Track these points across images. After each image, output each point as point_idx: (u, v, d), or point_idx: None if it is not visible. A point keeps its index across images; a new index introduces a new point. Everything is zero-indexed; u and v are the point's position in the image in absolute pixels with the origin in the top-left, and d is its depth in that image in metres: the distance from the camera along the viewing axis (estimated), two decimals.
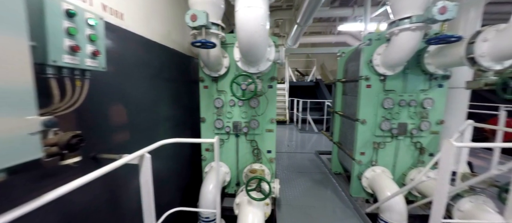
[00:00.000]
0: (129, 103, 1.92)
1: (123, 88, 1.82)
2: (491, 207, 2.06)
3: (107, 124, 1.65)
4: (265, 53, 1.87)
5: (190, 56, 3.14)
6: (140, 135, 2.11)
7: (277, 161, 4.93)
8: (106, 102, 1.62)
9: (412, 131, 2.76)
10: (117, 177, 1.77)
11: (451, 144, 1.49)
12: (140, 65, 2.08)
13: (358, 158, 2.95)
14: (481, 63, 1.91)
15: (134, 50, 1.96)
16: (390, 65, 2.51)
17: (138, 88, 2.08)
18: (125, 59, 1.84)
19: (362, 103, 2.83)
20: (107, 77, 1.57)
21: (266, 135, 2.96)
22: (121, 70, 1.78)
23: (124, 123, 1.86)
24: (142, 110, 2.17)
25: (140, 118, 2.12)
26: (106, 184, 1.67)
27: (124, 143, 1.85)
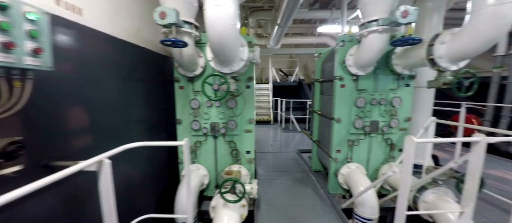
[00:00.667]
0: (91, 106, 1.79)
1: (83, 89, 1.69)
2: (451, 197, 2.22)
3: (63, 128, 1.51)
4: (237, 52, 1.85)
5: (165, 56, 3.02)
6: (108, 139, 1.97)
7: (260, 160, 4.94)
8: (61, 105, 1.49)
9: (383, 128, 2.90)
10: (79, 186, 1.63)
11: (412, 140, 1.58)
12: (104, 65, 1.94)
13: (334, 155, 3.04)
14: (439, 64, 2.06)
15: (96, 48, 1.82)
16: (361, 65, 2.62)
17: (103, 89, 1.94)
18: (85, 57, 1.70)
19: (337, 102, 2.92)
20: (60, 78, 1.44)
21: (245, 136, 2.94)
22: (80, 69, 1.65)
23: (85, 126, 1.73)
24: (110, 112, 2.03)
25: (107, 121, 1.98)
26: (65, 194, 1.54)
27: (88, 149, 1.72)
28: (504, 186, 3.63)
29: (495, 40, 1.70)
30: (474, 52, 1.81)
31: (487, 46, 1.73)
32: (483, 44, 1.75)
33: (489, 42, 1.72)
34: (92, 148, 1.75)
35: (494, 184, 3.69)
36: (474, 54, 1.84)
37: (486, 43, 1.73)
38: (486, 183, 3.75)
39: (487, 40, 1.72)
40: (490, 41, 1.72)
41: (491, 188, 3.55)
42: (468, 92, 1.97)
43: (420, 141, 1.59)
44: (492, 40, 1.71)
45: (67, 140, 1.55)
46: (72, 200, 1.60)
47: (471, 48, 1.81)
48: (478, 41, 1.76)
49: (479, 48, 1.77)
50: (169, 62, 3.12)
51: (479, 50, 1.78)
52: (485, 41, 1.73)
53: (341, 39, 2.80)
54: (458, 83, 1.95)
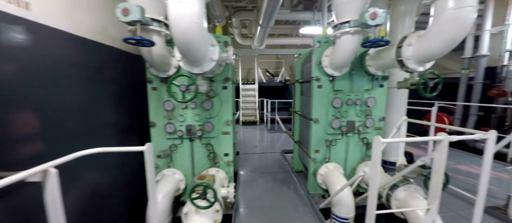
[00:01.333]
0: (45, 108, 1.63)
1: (32, 91, 1.53)
2: (421, 194, 2.30)
3: (5, 133, 1.35)
4: (207, 52, 1.78)
5: (136, 55, 2.86)
6: (68, 144, 1.81)
7: (244, 162, 4.87)
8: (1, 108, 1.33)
9: (359, 128, 2.96)
10: (31, 200, 1.47)
11: (379, 140, 1.60)
12: (61, 64, 1.79)
13: (313, 155, 3.06)
14: (407, 65, 2.12)
15: (49, 47, 1.67)
16: (336, 66, 2.65)
17: (61, 90, 1.78)
18: (34, 56, 1.55)
19: (315, 103, 2.94)
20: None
21: (222, 138, 2.87)
22: (27, 69, 1.49)
23: (36, 132, 1.57)
24: (70, 116, 1.87)
25: (67, 124, 1.82)
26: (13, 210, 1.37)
27: (40, 155, 1.56)
28: (471, 180, 3.86)
29: (456, 41, 1.78)
30: (438, 53, 1.89)
31: (449, 47, 1.81)
32: (445, 46, 1.82)
33: (451, 43, 1.80)
34: (44, 155, 1.59)
35: (463, 179, 3.92)
36: (438, 56, 1.91)
37: (448, 44, 1.81)
38: (457, 178, 3.99)
39: (449, 42, 1.80)
40: (452, 42, 1.79)
41: (460, 182, 3.77)
42: (433, 93, 2.05)
43: (386, 141, 1.62)
44: (453, 41, 1.78)
45: (11, 147, 1.39)
46: (17, 216, 1.44)
47: (435, 50, 1.88)
48: (441, 42, 1.83)
49: (442, 50, 1.85)
50: (140, 62, 2.96)
51: (443, 51, 1.86)
52: (448, 43, 1.80)
53: (317, 40, 2.82)
54: (423, 84, 2.03)
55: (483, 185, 1.86)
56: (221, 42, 2.65)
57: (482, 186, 1.86)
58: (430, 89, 2.05)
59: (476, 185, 2.13)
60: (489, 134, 1.79)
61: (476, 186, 1.83)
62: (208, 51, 1.80)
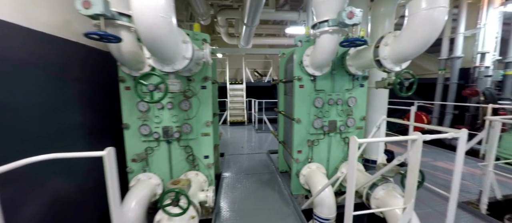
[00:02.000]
0: None
1: None
2: (399, 192, 2.33)
3: None
4: (178, 49, 1.67)
5: (107, 52, 2.67)
6: (21, 149, 1.63)
7: (229, 163, 4.77)
8: None
9: (340, 128, 2.97)
10: None
11: (355, 140, 1.58)
12: (13, 61, 1.60)
13: (296, 156, 3.03)
14: (385, 65, 2.14)
15: None
16: (317, 66, 2.63)
17: (12, 90, 1.60)
18: None
19: (297, 102, 2.91)
20: None
21: (202, 139, 2.75)
22: None
23: None
24: (26, 118, 1.69)
25: (21, 128, 1.64)
26: None
27: None
28: (447, 176, 4.02)
29: (429, 41, 1.80)
30: (412, 53, 1.91)
31: (423, 47, 1.83)
32: (419, 46, 1.84)
33: (424, 43, 1.82)
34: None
35: (439, 175, 4.07)
36: (412, 55, 1.94)
37: (422, 44, 1.83)
38: (434, 175, 4.14)
39: (423, 42, 1.82)
40: (425, 42, 1.82)
41: (438, 179, 3.91)
42: (408, 92, 2.08)
43: (363, 141, 1.60)
44: (426, 41, 1.81)
45: None
46: None
47: (410, 50, 1.90)
48: (415, 42, 1.85)
49: (416, 50, 1.87)
50: (112, 59, 2.78)
51: (416, 51, 1.88)
52: (421, 43, 1.82)
53: (299, 39, 2.79)
54: (399, 83, 2.05)
55: (456, 182, 1.91)
56: (199, 40, 2.55)
57: (455, 183, 1.91)
58: (405, 89, 2.07)
59: (452, 181, 2.20)
60: (461, 132, 1.83)
61: (451, 182, 1.87)
62: (179, 48, 1.69)
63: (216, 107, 3.75)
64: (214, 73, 3.69)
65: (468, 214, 2.86)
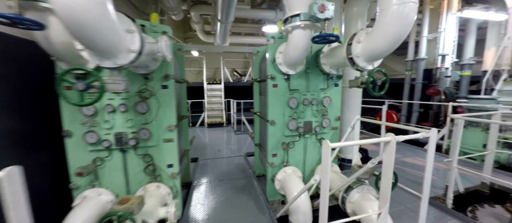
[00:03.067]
0: None
1: None
2: (373, 194, 2.27)
3: None
4: (119, 40, 1.36)
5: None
6: None
7: (202, 169, 4.43)
8: None
9: (316, 128, 2.86)
10: None
11: (328, 145, 1.43)
12: None
13: (271, 160, 2.84)
14: (358, 63, 2.04)
15: None
16: (290, 63, 2.47)
17: None
18: None
19: (270, 103, 2.73)
20: None
21: (164, 146, 2.42)
22: None
23: None
24: None
25: None
26: None
27: None
28: (416, 172, 4.19)
29: (401, 38, 1.74)
30: (384, 50, 1.83)
31: (394, 44, 1.76)
32: (391, 43, 1.77)
33: (395, 40, 1.75)
34: None
35: (409, 171, 4.23)
36: (384, 53, 1.86)
37: (394, 41, 1.76)
38: (404, 171, 4.30)
39: (394, 38, 1.75)
40: (397, 39, 1.75)
41: (407, 175, 4.05)
42: (381, 92, 2.01)
43: (336, 146, 1.46)
44: (398, 38, 1.74)
45: None
46: None
47: (382, 47, 1.82)
48: (387, 39, 1.77)
49: (388, 47, 1.79)
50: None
51: (388, 48, 1.80)
52: (393, 39, 1.75)
53: (271, 36, 2.62)
54: (372, 82, 1.97)
55: (427, 181, 1.88)
56: (158, 32, 2.22)
57: (426, 182, 1.88)
58: (378, 88, 2.01)
59: (421, 176, 2.22)
60: (431, 132, 1.80)
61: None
62: (121, 39, 1.38)
63: (184, 109, 3.41)
64: (181, 71, 3.35)
65: (435, 210, 2.95)
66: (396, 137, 1.61)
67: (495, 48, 6.70)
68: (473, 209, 3.08)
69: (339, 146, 1.51)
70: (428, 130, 1.82)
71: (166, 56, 1.82)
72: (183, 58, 3.36)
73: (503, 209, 2.99)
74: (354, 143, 1.53)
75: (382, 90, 2.03)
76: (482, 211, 3.04)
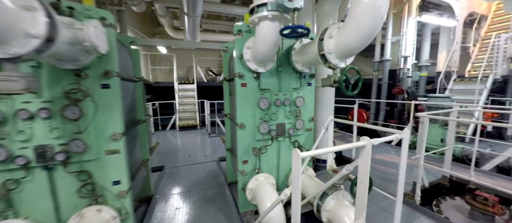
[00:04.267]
0: None
1: None
2: (348, 200, 2.15)
3: None
4: (9, 19, 0.94)
5: None
6: None
7: (168, 179, 3.95)
8: None
9: (289, 131, 2.66)
10: None
11: (297, 154, 1.20)
12: None
13: (241, 167, 2.57)
14: (330, 61, 1.88)
15: None
16: (259, 60, 2.23)
17: None
18: None
19: (239, 104, 2.45)
20: None
21: (108, 160, 1.97)
22: None
23: None
24: None
25: None
26: None
27: None
28: (385, 168, 4.32)
29: (373, 32, 1.61)
30: (357, 45, 1.69)
31: (368, 38, 1.63)
32: (364, 37, 1.63)
33: (368, 34, 1.62)
34: None
35: (379, 168, 4.34)
36: (357, 48, 1.72)
37: (366, 35, 1.62)
38: (373, 167, 4.41)
39: (367, 32, 1.61)
40: (369, 33, 1.61)
41: (377, 171, 4.16)
42: (354, 91, 1.89)
43: (306, 155, 1.25)
44: (371, 31, 1.61)
45: None
46: None
47: (354, 41, 1.68)
48: (359, 33, 1.63)
49: (361, 41, 1.65)
50: None
51: (361, 43, 1.67)
52: (365, 33, 1.62)
53: (238, 28, 2.34)
54: (345, 81, 1.83)
55: (401, 183, 1.80)
56: (93, 18, 1.77)
57: (400, 184, 1.80)
58: (351, 87, 1.87)
59: (390, 173, 2.12)
60: (404, 133, 1.71)
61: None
62: (13, 17, 0.95)
63: (141, 113, 2.94)
64: (136, 68, 2.88)
65: (405, 207, 2.99)
66: (371, 141, 1.46)
67: (446, 52, 7.45)
68: (437, 203, 3.22)
69: (310, 155, 1.30)
70: (399, 130, 1.74)
71: (96, 46, 1.41)
72: (137, 53, 2.89)
73: (463, 201, 3.17)
74: (328, 150, 1.34)
75: (355, 89, 1.90)
76: (445, 204, 3.19)
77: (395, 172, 4.09)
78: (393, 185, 3.57)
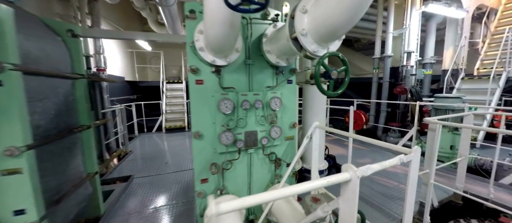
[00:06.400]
0: None
1: None
2: None
3: None
4: None
5: None
6: None
7: (134, 192, 3.41)
8: None
9: (262, 141, 2.09)
10: None
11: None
12: None
13: (199, 188, 2.00)
14: (305, 46, 1.31)
15: None
16: (215, 48, 1.66)
17: None
18: None
19: (194, 107, 1.89)
20: None
21: (5, 183, 1.42)
22: None
23: None
24: None
25: None
26: None
27: None
28: (389, 181, 3.73)
29: (361, 5, 1.03)
30: (342, 20, 1.13)
31: (357, 8, 1.06)
32: (349, 9, 1.06)
33: (354, 6, 1.04)
34: None
35: (380, 180, 3.76)
36: (343, 24, 1.16)
37: (352, 7, 1.04)
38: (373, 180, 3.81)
39: (353, 3, 1.03)
40: (354, 4, 1.04)
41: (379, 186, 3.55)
42: (338, 90, 1.32)
43: (228, 210, 0.69)
44: (357, 3, 1.03)
45: None
46: None
47: (338, 14, 1.11)
48: (342, 3, 1.05)
49: (347, 13, 1.09)
50: None
51: (348, 16, 1.10)
52: (351, 4, 1.04)
53: (189, 8, 1.77)
54: (324, 74, 1.26)
55: (409, 211, 1.24)
56: None
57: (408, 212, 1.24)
58: (333, 84, 1.30)
59: (392, 186, 1.57)
60: (413, 153, 1.15)
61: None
62: None
63: (84, 117, 2.39)
64: (76, 61, 2.33)
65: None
66: (359, 171, 0.90)
67: (453, 48, 6.83)
68: None
69: (234, 208, 0.75)
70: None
71: None
72: (77, 44, 2.34)
73: None
74: (312, 187, 0.78)
75: (340, 88, 1.33)
76: None
77: (398, 186, 3.50)
78: (396, 204, 3.00)
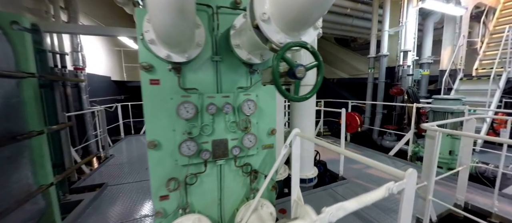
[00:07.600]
0: None
1: None
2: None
3: None
4: None
5: None
6: None
7: (101, 202, 3.10)
8: None
9: (233, 150, 1.80)
10: None
11: None
12: None
13: (158, 206, 1.70)
14: (268, 35, 1.02)
15: None
16: (166, 41, 1.37)
17: None
18: None
19: (148, 112, 1.59)
20: None
21: None
22: None
23: None
24: None
25: None
26: None
27: None
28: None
29: None
30: (307, 2, 0.83)
31: None
32: None
33: None
34: None
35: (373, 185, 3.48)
36: (311, 10, 0.88)
37: None
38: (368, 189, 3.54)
39: None
40: None
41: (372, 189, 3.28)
42: (308, 94, 1.03)
43: None
44: None
45: None
46: None
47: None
48: None
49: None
50: None
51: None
52: None
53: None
54: (289, 72, 0.97)
55: None
56: None
57: None
58: (299, 84, 1.01)
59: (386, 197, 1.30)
60: (407, 177, 0.87)
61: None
62: None
63: (34, 121, 2.08)
64: (22, 58, 2.02)
65: None
66: (327, 214, 0.61)
67: (451, 47, 6.60)
68: None
69: None
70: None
71: None
72: (23, 38, 2.03)
73: None
74: None
75: (310, 91, 1.04)
76: None
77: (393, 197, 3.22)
78: (391, 217, 2.72)
